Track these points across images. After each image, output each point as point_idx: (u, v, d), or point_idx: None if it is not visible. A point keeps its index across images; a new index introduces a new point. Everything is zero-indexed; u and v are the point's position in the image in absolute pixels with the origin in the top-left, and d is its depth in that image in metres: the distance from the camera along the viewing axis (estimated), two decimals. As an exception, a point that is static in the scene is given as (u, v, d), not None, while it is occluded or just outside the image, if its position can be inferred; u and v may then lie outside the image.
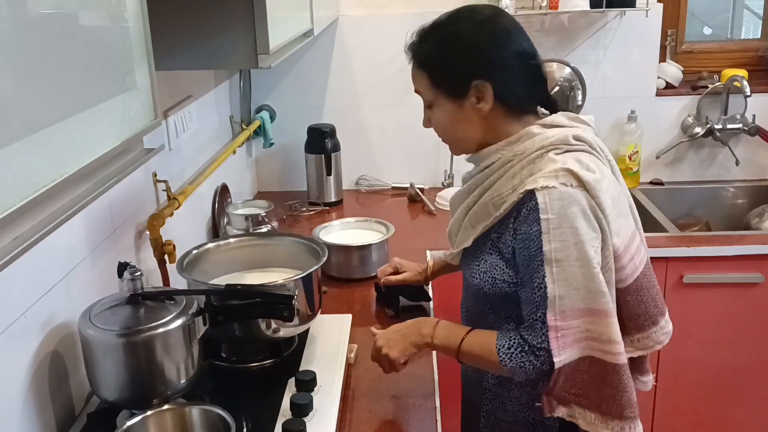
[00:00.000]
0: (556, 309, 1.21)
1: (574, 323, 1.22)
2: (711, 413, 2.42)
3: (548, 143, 1.26)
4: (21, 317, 1.14)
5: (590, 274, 1.21)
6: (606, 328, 1.23)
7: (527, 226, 1.23)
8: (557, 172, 1.22)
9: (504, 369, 1.28)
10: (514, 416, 1.41)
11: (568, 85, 2.67)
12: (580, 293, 1.21)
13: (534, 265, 1.23)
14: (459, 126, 1.33)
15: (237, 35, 1.35)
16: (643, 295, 1.34)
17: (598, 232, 1.24)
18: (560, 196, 1.21)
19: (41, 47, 0.78)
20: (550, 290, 1.21)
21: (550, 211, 1.20)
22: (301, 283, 1.43)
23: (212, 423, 1.14)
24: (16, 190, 0.73)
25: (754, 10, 3.06)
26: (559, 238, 1.20)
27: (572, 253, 1.21)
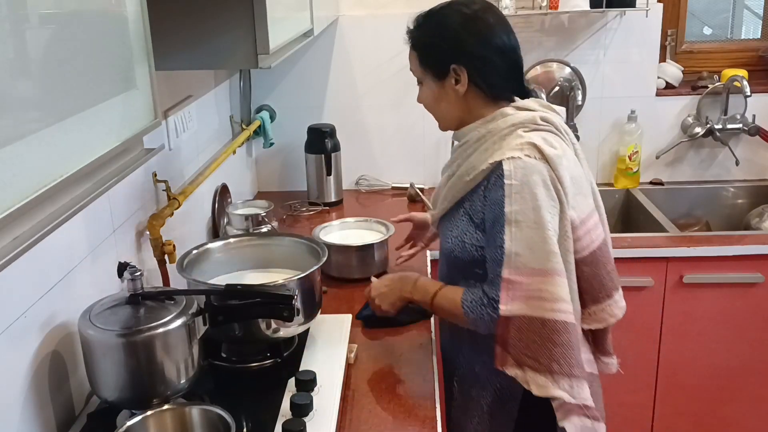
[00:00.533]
0: (511, 265, 1.34)
1: (527, 280, 1.34)
2: (711, 413, 2.43)
3: (518, 122, 1.41)
4: (21, 317, 1.14)
5: (544, 236, 1.34)
6: (555, 287, 1.34)
7: (494, 192, 1.38)
8: (522, 146, 1.37)
9: (467, 320, 1.42)
10: (482, 382, 1.51)
11: (568, 85, 2.67)
12: (534, 253, 1.34)
13: (497, 227, 1.37)
14: (441, 104, 1.50)
15: (237, 35, 1.35)
16: (599, 268, 1.46)
17: (557, 201, 1.37)
18: (524, 165, 1.35)
19: (41, 47, 0.78)
20: (507, 248, 1.34)
21: (513, 178, 1.35)
22: (301, 283, 1.43)
23: (212, 423, 1.14)
24: (16, 190, 0.73)
25: (754, 10, 3.06)
26: (519, 201, 1.34)
27: (530, 216, 1.34)
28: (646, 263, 2.25)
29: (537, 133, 1.40)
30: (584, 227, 1.43)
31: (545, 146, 1.37)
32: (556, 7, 2.51)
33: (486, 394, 1.51)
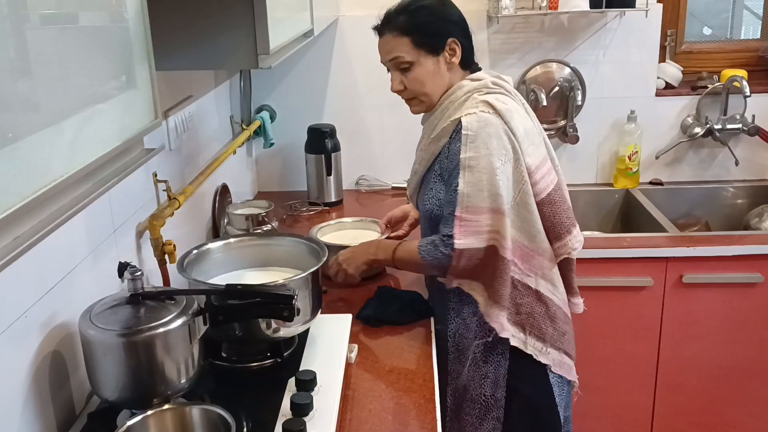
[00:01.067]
0: (463, 204, 1.55)
1: (478, 218, 1.55)
2: (711, 413, 2.43)
3: (473, 88, 1.63)
4: (21, 317, 1.14)
5: (493, 181, 1.54)
6: (501, 223, 1.55)
7: (454, 144, 1.59)
8: (477, 104, 1.59)
9: (426, 264, 1.62)
10: (473, 331, 1.66)
11: (567, 86, 2.68)
12: (484, 194, 1.54)
13: (454, 173, 1.57)
14: (434, 80, 1.65)
15: (237, 35, 1.35)
16: (556, 207, 1.64)
17: (509, 150, 1.56)
18: (478, 118, 1.56)
19: (42, 47, 0.78)
20: (461, 189, 1.55)
21: (470, 129, 1.56)
22: (302, 282, 1.43)
23: (212, 423, 1.14)
24: (16, 190, 0.73)
25: (754, 10, 3.06)
26: (473, 149, 1.55)
27: (481, 162, 1.54)
28: (646, 263, 2.25)
29: (490, 95, 1.61)
30: (539, 172, 1.61)
31: (497, 103, 1.58)
32: (556, 7, 2.51)
33: (477, 342, 1.65)
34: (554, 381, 1.68)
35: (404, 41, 1.62)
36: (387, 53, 1.66)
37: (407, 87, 1.66)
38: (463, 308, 1.66)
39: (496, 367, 1.64)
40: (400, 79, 1.66)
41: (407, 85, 1.66)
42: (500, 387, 1.64)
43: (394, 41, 1.63)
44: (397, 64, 1.65)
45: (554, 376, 1.68)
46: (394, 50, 1.64)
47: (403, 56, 1.63)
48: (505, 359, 1.64)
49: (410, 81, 1.65)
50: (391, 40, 1.64)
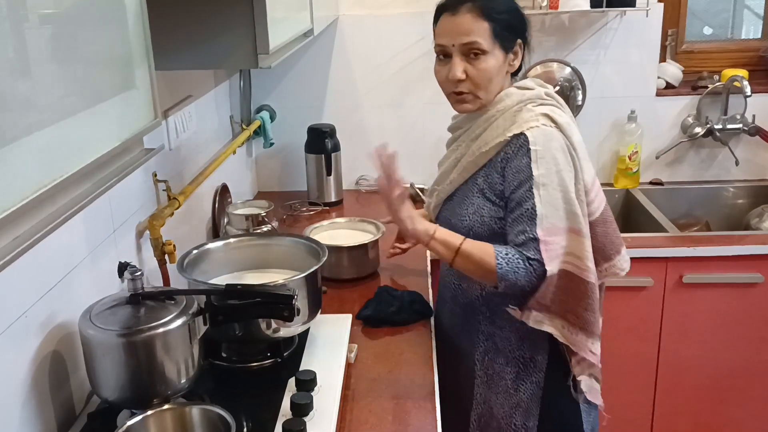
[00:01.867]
0: (543, 225, 1.42)
1: (557, 239, 1.43)
2: (711, 413, 2.43)
3: (525, 98, 1.51)
4: (21, 317, 1.14)
5: (568, 198, 1.44)
6: (580, 245, 1.45)
7: (517, 160, 1.46)
8: (538, 117, 1.48)
9: (497, 271, 1.43)
10: (505, 357, 1.58)
11: (568, 85, 2.68)
12: (560, 213, 1.43)
13: (524, 191, 1.44)
14: (498, 77, 1.53)
15: (237, 35, 1.35)
16: (608, 226, 1.56)
17: (572, 166, 1.47)
18: (543, 132, 1.45)
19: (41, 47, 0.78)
20: (539, 210, 1.42)
21: (537, 144, 1.44)
22: (302, 283, 1.43)
23: (212, 423, 1.14)
24: (16, 190, 0.73)
25: (755, 10, 3.06)
26: (544, 165, 1.43)
27: (554, 179, 1.43)
28: (646, 263, 2.25)
29: (544, 107, 1.50)
30: (593, 191, 1.52)
31: (557, 116, 1.48)
32: (557, 7, 2.51)
33: (509, 369, 1.58)
34: (583, 408, 1.61)
35: (484, 26, 1.47)
36: (459, 35, 1.48)
37: (471, 77, 1.50)
38: (495, 332, 1.58)
39: (530, 396, 1.57)
40: (464, 67, 1.49)
41: (472, 75, 1.49)
42: (533, 416, 1.58)
43: (472, 23, 1.47)
44: (469, 49, 1.48)
45: (583, 403, 1.60)
46: (472, 33, 1.47)
47: (480, 42, 1.47)
48: (539, 388, 1.57)
49: (478, 71, 1.49)
50: (469, 21, 1.47)
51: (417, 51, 2.64)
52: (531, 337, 1.56)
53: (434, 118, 2.70)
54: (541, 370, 1.56)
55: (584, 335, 1.49)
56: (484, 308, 1.60)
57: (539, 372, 1.57)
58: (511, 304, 1.51)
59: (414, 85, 2.69)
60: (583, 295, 1.46)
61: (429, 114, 2.69)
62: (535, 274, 1.43)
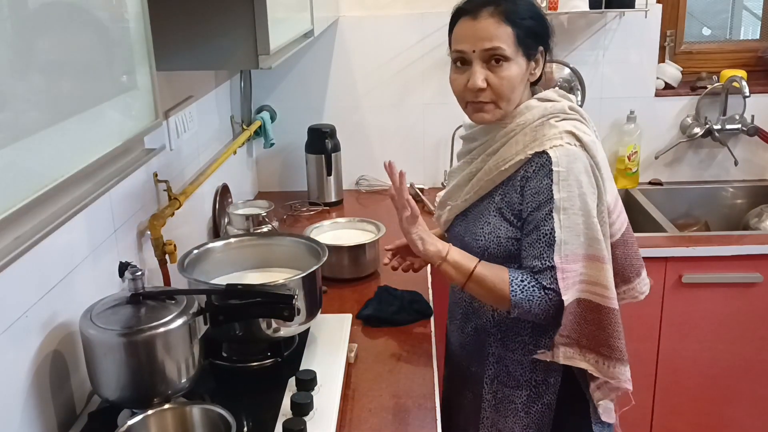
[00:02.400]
0: (561, 252, 1.35)
1: (575, 267, 1.36)
2: (711, 413, 2.43)
3: (548, 113, 1.41)
4: (22, 317, 1.14)
5: (590, 223, 1.36)
6: (601, 272, 1.38)
7: (537, 181, 1.37)
8: (561, 134, 1.38)
9: (511, 299, 1.37)
10: (516, 380, 1.52)
11: (567, 86, 2.68)
12: (581, 239, 1.36)
13: (543, 214, 1.36)
14: (520, 86, 1.42)
15: (238, 36, 1.36)
16: (629, 248, 1.51)
17: (596, 188, 1.39)
18: (567, 152, 1.36)
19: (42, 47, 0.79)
20: (557, 235, 1.35)
21: (561, 165, 1.35)
22: (302, 282, 1.44)
23: (213, 422, 1.14)
24: (17, 190, 0.73)
25: (753, 10, 3.07)
26: (566, 188, 1.35)
27: (576, 203, 1.35)
28: (646, 263, 2.24)
29: (568, 122, 1.41)
30: (616, 210, 1.47)
31: (581, 134, 1.39)
32: (556, 8, 2.51)
33: (520, 392, 1.52)
34: (596, 429, 1.52)
35: (508, 32, 1.37)
36: (481, 40, 1.37)
37: (492, 86, 1.39)
38: (506, 354, 1.51)
39: (541, 418, 1.51)
40: (485, 74, 1.39)
41: (494, 83, 1.39)
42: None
43: (495, 27, 1.36)
44: (491, 56, 1.38)
45: (596, 424, 1.52)
46: (495, 38, 1.36)
47: (504, 48, 1.37)
48: (551, 411, 1.50)
49: (500, 79, 1.38)
50: (491, 26, 1.37)
51: (417, 52, 2.65)
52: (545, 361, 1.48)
53: (434, 119, 2.72)
54: (554, 392, 1.50)
55: (621, 365, 1.42)
56: (495, 330, 1.52)
57: (551, 394, 1.50)
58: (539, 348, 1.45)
59: (414, 85, 2.69)
60: (610, 324, 1.39)
61: (429, 114, 2.70)
62: (550, 303, 1.37)
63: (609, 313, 1.39)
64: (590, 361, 1.42)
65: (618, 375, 1.42)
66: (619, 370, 1.42)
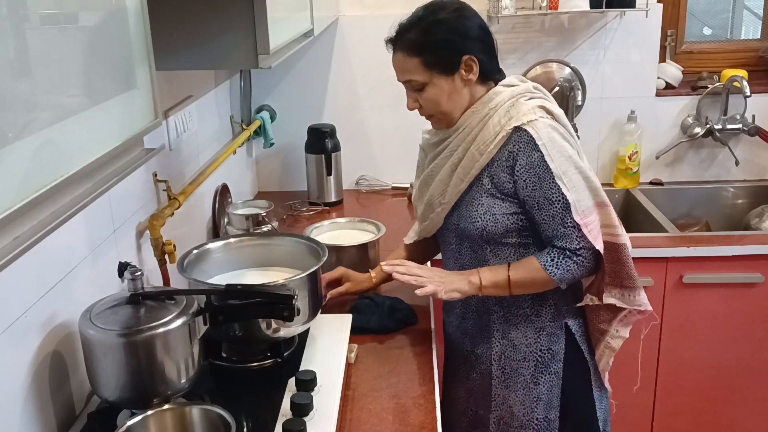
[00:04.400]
0: (578, 211, 1.47)
1: (592, 218, 1.49)
2: (711, 413, 2.43)
3: (516, 93, 1.53)
4: (21, 317, 1.14)
5: (587, 176, 1.49)
6: (609, 215, 1.52)
7: (526, 156, 1.48)
8: (534, 109, 1.50)
9: (554, 280, 1.50)
10: (522, 353, 1.59)
11: (568, 86, 2.68)
12: (586, 193, 1.49)
13: (546, 184, 1.47)
14: (452, 98, 1.54)
15: (237, 35, 1.35)
16: None
17: (575, 149, 1.51)
18: (543, 125, 1.48)
19: (42, 47, 0.78)
20: (570, 198, 1.46)
21: (543, 138, 1.47)
22: (302, 282, 1.43)
23: (212, 423, 1.14)
24: (16, 190, 0.73)
25: (754, 10, 3.06)
26: (556, 156, 1.47)
27: (569, 165, 1.48)
28: (646, 263, 2.25)
29: (536, 99, 1.53)
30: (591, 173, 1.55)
31: (551, 107, 1.53)
32: (556, 7, 2.51)
33: (527, 364, 1.59)
34: (596, 396, 1.63)
35: (415, 62, 1.51)
36: (399, 72, 1.56)
37: (423, 105, 1.56)
38: (510, 329, 1.59)
39: (549, 388, 1.59)
40: (415, 97, 1.56)
41: (423, 104, 1.55)
42: (554, 408, 1.59)
43: (404, 61, 1.53)
44: (411, 85, 1.55)
45: (596, 391, 1.63)
46: (406, 72, 1.54)
47: (415, 78, 1.52)
48: (558, 378, 1.59)
49: (425, 101, 1.54)
50: (402, 60, 1.54)
51: (417, 51, 2.64)
52: (547, 329, 1.59)
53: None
54: (560, 360, 1.59)
55: (641, 291, 1.55)
56: (497, 307, 1.60)
57: (558, 362, 1.59)
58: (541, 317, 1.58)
59: (414, 85, 2.68)
60: (627, 258, 1.52)
61: (429, 114, 2.69)
62: (587, 261, 1.50)
63: (624, 249, 1.52)
64: (616, 295, 1.54)
65: (641, 300, 1.55)
66: (642, 296, 1.55)
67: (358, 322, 1.66)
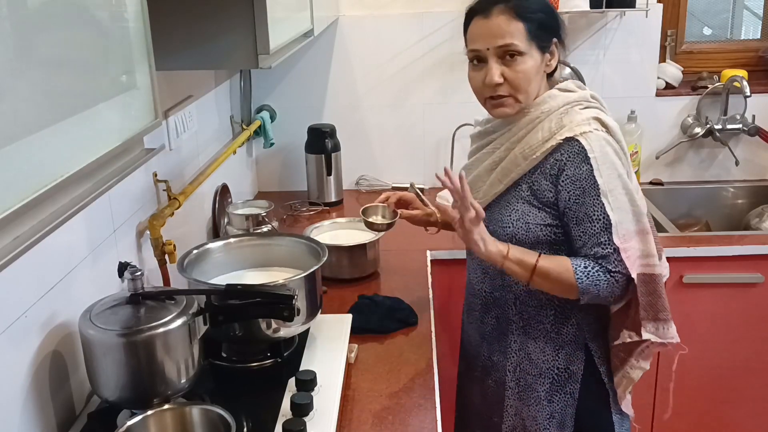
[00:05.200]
0: (618, 234, 1.40)
1: (632, 244, 1.41)
2: (711, 413, 2.43)
3: (572, 100, 1.46)
4: (21, 317, 1.14)
5: (633, 199, 1.42)
6: (649, 244, 1.44)
7: (574, 168, 1.41)
8: (589, 120, 1.43)
9: (578, 287, 1.41)
10: (539, 369, 1.55)
11: (568, 86, 2.67)
12: (630, 216, 1.42)
13: (590, 200, 1.41)
14: (536, 78, 1.46)
15: (237, 35, 1.35)
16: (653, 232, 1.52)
17: (626, 168, 1.44)
18: (597, 137, 1.41)
19: (41, 47, 0.78)
20: (612, 218, 1.39)
21: (595, 151, 1.40)
22: (302, 282, 1.43)
23: (212, 423, 1.14)
24: (16, 190, 0.73)
25: (754, 10, 3.06)
26: (606, 172, 1.40)
27: (618, 184, 1.41)
28: (646, 263, 2.25)
29: (591, 109, 1.46)
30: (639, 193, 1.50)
31: (606, 120, 1.45)
32: (556, 7, 2.51)
33: (543, 381, 1.56)
34: (616, 420, 1.59)
35: (519, 27, 1.41)
36: (494, 37, 1.42)
37: (509, 80, 1.43)
38: (528, 343, 1.56)
39: (564, 407, 1.55)
40: (501, 70, 1.43)
41: (510, 77, 1.43)
42: (567, 428, 1.56)
43: (507, 24, 1.41)
44: (505, 52, 1.42)
45: (615, 414, 1.59)
46: (507, 35, 1.41)
47: (516, 44, 1.41)
48: (573, 399, 1.55)
49: (516, 73, 1.42)
50: (503, 23, 1.41)
51: (417, 51, 2.64)
52: (567, 349, 1.54)
53: (434, 119, 2.72)
54: (577, 381, 1.54)
55: (671, 324, 1.50)
56: (517, 318, 1.56)
57: (574, 383, 1.54)
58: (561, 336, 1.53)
59: (414, 85, 2.69)
60: (660, 290, 1.47)
61: (429, 114, 2.69)
62: (617, 285, 1.42)
63: (659, 279, 1.46)
64: (651, 330, 1.47)
65: (673, 333, 1.49)
66: (673, 329, 1.49)
67: (358, 322, 1.66)
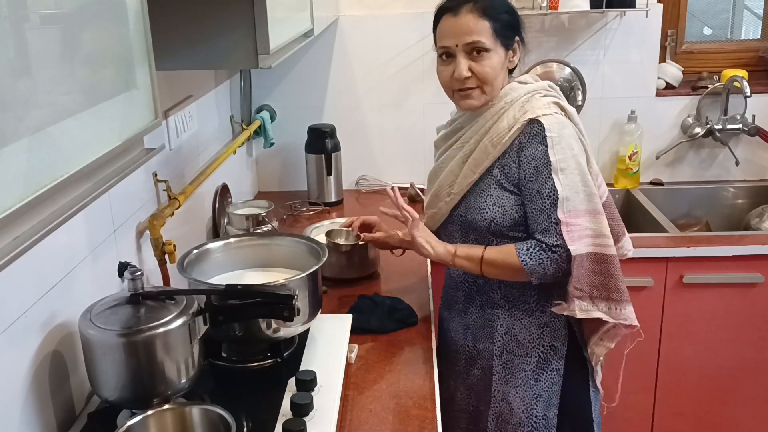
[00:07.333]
0: (564, 209, 1.46)
1: (579, 221, 1.47)
2: (711, 413, 2.43)
3: (532, 89, 1.56)
4: (21, 317, 1.14)
5: (586, 180, 1.49)
6: (601, 224, 1.49)
7: (532, 148, 1.50)
8: (549, 105, 1.53)
9: (524, 269, 1.49)
10: (525, 348, 1.61)
11: (568, 86, 2.68)
12: (580, 196, 1.48)
13: (542, 178, 1.48)
14: (501, 72, 1.56)
15: (237, 35, 1.35)
16: (613, 210, 1.62)
17: (584, 152, 1.53)
18: (557, 120, 1.50)
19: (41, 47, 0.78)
20: (560, 193, 1.46)
21: (553, 131, 1.48)
22: (302, 282, 1.43)
23: (212, 423, 1.14)
24: (16, 190, 0.73)
25: (754, 10, 3.06)
26: (561, 151, 1.48)
27: (571, 163, 1.48)
28: (646, 263, 2.25)
29: (551, 97, 1.56)
30: (600, 176, 1.59)
31: (565, 105, 1.55)
32: (556, 7, 2.51)
33: (529, 360, 1.60)
34: (592, 396, 1.66)
35: (485, 25, 1.51)
36: (462, 35, 1.52)
37: (476, 73, 1.53)
38: (515, 324, 1.61)
39: (550, 385, 1.61)
40: (469, 65, 1.52)
41: (477, 71, 1.52)
42: (553, 405, 1.61)
43: (474, 23, 1.51)
44: (473, 48, 1.52)
45: (593, 390, 1.66)
46: (474, 33, 1.51)
47: (482, 41, 1.51)
48: (559, 376, 1.60)
49: (483, 68, 1.52)
50: (471, 21, 1.51)
51: (417, 51, 2.65)
52: (551, 325, 1.60)
53: (434, 119, 2.70)
54: (561, 357, 1.60)
55: (628, 305, 1.53)
56: (503, 302, 1.62)
57: (559, 359, 1.60)
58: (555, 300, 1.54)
59: (414, 85, 2.69)
60: (616, 270, 1.50)
61: (429, 114, 2.69)
62: (561, 259, 1.48)
63: (613, 260, 1.50)
64: (602, 309, 1.51)
65: (628, 315, 1.53)
66: (629, 310, 1.53)
67: (358, 322, 1.66)
